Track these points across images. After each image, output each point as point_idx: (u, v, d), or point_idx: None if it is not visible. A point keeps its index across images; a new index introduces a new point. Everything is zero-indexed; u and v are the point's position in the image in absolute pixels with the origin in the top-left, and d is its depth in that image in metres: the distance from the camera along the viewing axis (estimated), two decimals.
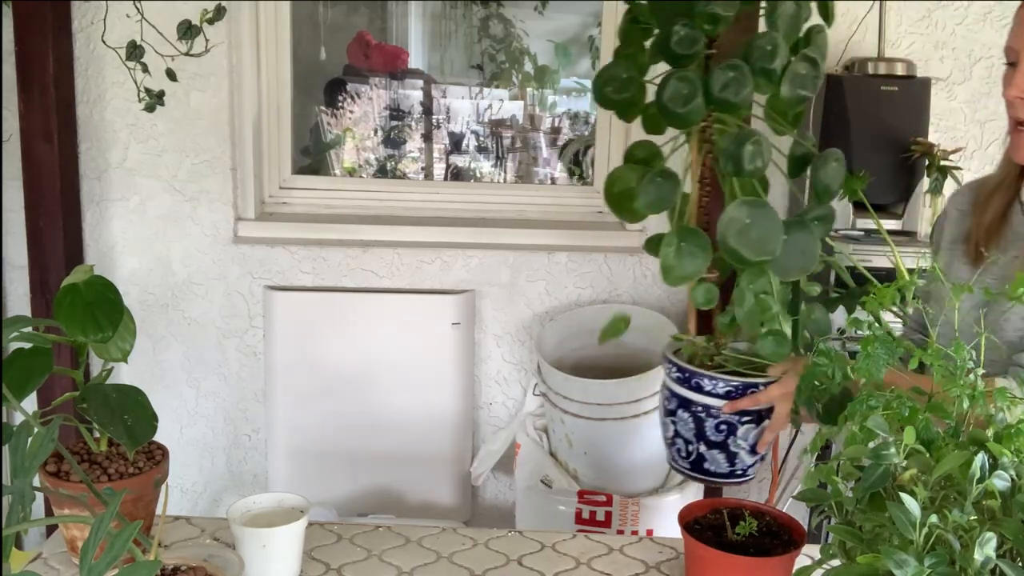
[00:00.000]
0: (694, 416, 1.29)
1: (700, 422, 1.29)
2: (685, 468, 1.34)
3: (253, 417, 2.61)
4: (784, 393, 1.27)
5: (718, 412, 1.28)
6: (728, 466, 1.31)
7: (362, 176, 3.45)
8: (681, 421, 1.31)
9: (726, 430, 1.28)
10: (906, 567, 0.77)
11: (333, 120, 3.37)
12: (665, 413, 1.35)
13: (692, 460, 1.32)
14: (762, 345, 1.23)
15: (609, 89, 1.23)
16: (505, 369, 2.60)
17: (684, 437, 1.32)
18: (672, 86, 1.15)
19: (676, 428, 1.32)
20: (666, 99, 1.15)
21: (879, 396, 0.98)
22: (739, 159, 1.16)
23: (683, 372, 1.30)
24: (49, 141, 2.31)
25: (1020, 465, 0.86)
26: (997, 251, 1.39)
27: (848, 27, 2.38)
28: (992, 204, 1.41)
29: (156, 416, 1.11)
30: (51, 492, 1.11)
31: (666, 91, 1.15)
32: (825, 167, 1.22)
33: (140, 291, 2.51)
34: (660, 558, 1.30)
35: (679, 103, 1.15)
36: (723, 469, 1.32)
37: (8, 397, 1.02)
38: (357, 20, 3.50)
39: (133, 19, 2.34)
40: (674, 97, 1.15)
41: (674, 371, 1.32)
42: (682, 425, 1.31)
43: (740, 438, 1.30)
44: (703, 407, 1.28)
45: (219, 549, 1.12)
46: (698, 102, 1.15)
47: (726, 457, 1.30)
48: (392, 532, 1.35)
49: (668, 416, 1.34)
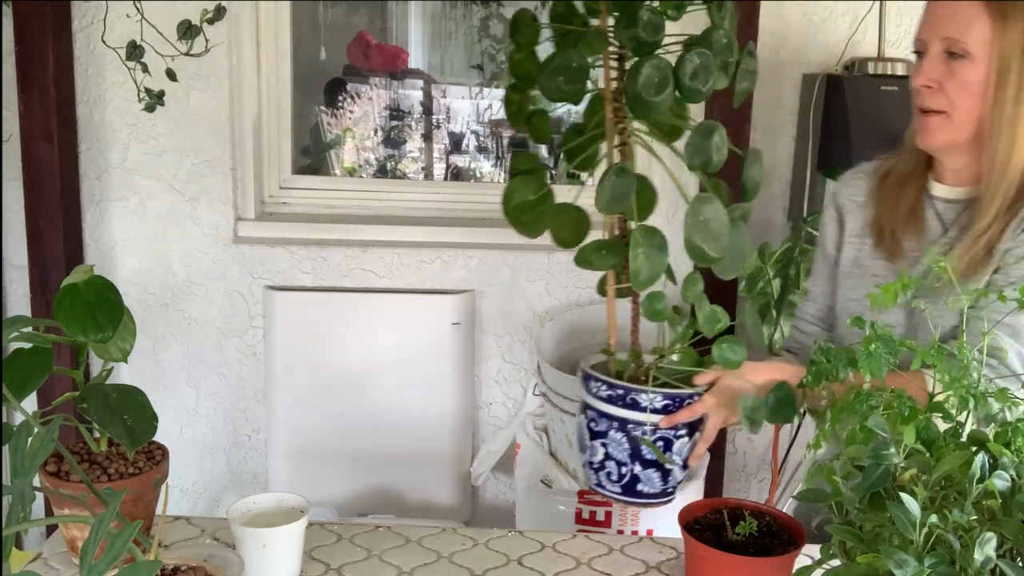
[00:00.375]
0: (628, 435, 1.24)
1: (635, 441, 1.25)
2: (615, 492, 1.29)
3: (253, 417, 2.61)
4: (720, 402, 1.26)
5: (655, 428, 1.24)
6: (661, 484, 1.28)
7: (362, 176, 3.45)
8: (614, 442, 1.25)
9: (662, 446, 1.25)
10: (906, 567, 0.77)
11: (333, 120, 3.37)
12: (591, 436, 1.28)
13: (625, 483, 1.27)
14: (717, 352, 1.20)
15: (561, 79, 1.13)
16: (505, 369, 2.60)
17: (616, 459, 1.26)
18: (646, 73, 1.09)
19: (607, 451, 1.26)
20: (640, 87, 1.09)
21: (878, 395, 0.99)
22: (707, 151, 1.13)
23: (615, 390, 1.25)
24: (49, 141, 2.31)
25: (1020, 465, 0.86)
26: (916, 244, 1.40)
27: (848, 27, 2.38)
28: (904, 196, 1.42)
29: (156, 416, 1.11)
30: (51, 492, 1.11)
31: (639, 78, 1.09)
32: (754, 165, 1.21)
33: (140, 291, 2.51)
34: (660, 558, 1.30)
35: (652, 91, 1.09)
36: (656, 488, 1.28)
37: (8, 397, 1.02)
38: (357, 20, 3.50)
39: (133, 19, 2.34)
40: (647, 85, 1.09)
41: (603, 389, 1.26)
42: (615, 447, 1.26)
43: (675, 453, 1.26)
44: (639, 424, 1.24)
45: (219, 549, 1.12)
46: (670, 91, 1.10)
47: (661, 476, 1.27)
48: (392, 532, 1.35)
49: (596, 439, 1.28)
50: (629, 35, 1.10)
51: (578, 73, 1.13)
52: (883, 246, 1.42)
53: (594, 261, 1.22)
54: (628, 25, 1.10)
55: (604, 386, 1.26)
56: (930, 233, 1.40)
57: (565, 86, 1.13)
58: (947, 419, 0.95)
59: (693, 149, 1.14)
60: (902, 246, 1.41)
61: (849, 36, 2.38)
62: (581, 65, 1.12)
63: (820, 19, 2.40)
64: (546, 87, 1.14)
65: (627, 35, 1.11)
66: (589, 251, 1.22)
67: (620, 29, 1.11)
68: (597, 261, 1.23)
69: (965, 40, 1.26)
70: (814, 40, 2.40)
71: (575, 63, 1.13)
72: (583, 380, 1.30)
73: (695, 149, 1.14)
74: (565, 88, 1.13)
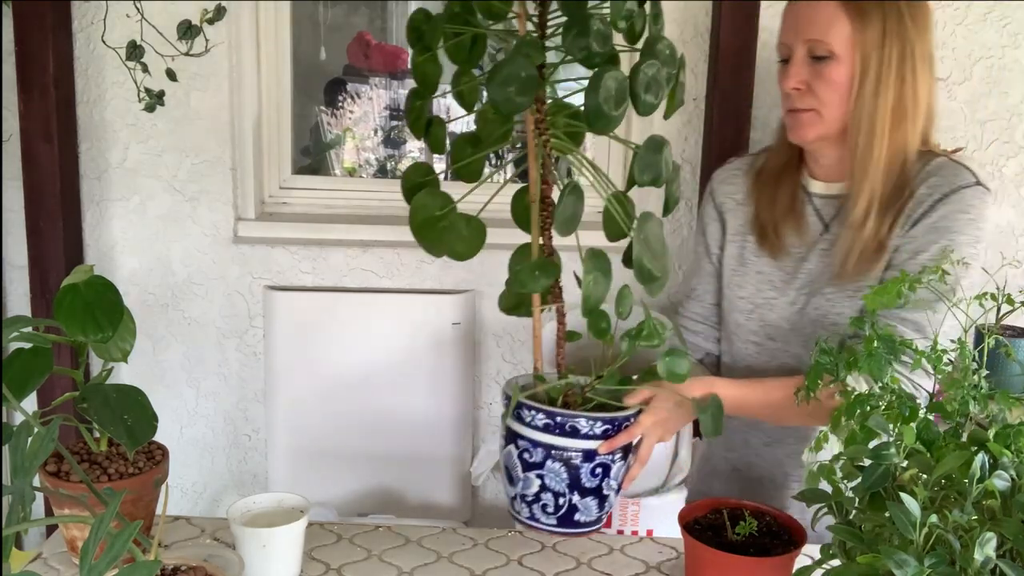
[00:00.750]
0: (567, 464, 1.19)
1: (575, 469, 1.19)
2: (550, 525, 1.23)
3: (253, 417, 2.61)
4: (656, 420, 1.25)
5: (594, 454, 1.19)
6: (598, 511, 1.24)
7: (362, 176, 3.45)
8: (551, 473, 1.20)
9: (601, 473, 1.21)
10: (906, 567, 0.77)
11: (333, 120, 3.37)
12: (525, 468, 1.21)
13: (562, 514, 1.22)
14: (663, 366, 1.17)
15: (512, 90, 1.06)
16: (505, 369, 2.60)
17: (554, 490, 1.20)
18: (607, 86, 1.03)
19: (544, 482, 1.20)
20: (601, 100, 1.03)
21: (878, 396, 0.99)
22: (657, 166, 1.09)
23: (553, 418, 1.18)
24: (49, 141, 2.31)
25: (1020, 465, 0.86)
26: (798, 240, 1.41)
27: None
28: (781, 192, 1.44)
29: (156, 416, 1.11)
30: (51, 492, 1.11)
31: (600, 92, 1.03)
32: (675, 180, 1.19)
33: (140, 291, 2.51)
34: (660, 558, 1.30)
35: (612, 105, 1.04)
36: (593, 516, 1.24)
37: (8, 397, 1.02)
38: (357, 20, 3.50)
39: (133, 19, 2.34)
40: (608, 98, 1.03)
41: (539, 418, 1.19)
42: (552, 477, 1.20)
43: (612, 478, 1.23)
44: (579, 452, 1.19)
45: (219, 549, 1.12)
46: (626, 104, 1.06)
47: (598, 503, 1.23)
48: (392, 532, 1.35)
49: (530, 471, 1.21)
50: (581, 45, 1.04)
51: (529, 83, 1.06)
52: (766, 244, 1.44)
53: (528, 283, 1.17)
54: (580, 35, 1.04)
55: (540, 414, 1.19)
56: (811, 229, 1.42)
57: (517, 97, 1.06)
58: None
59: (643, 164, 1.10)
60: (784, 243, 1.43)
61: None
62: (530, 74, 1.05)
63: None
64: (498, 98, 1.06)
65: (578, 45, 1.04)
66: (524, 274, 1.17)
67: (570, 39, 1.05)
68: (532, 283, 1.17)
69: (828, 41, 1.30)
70: None
71: (524, 72, 1.05)
72: (513, 410, 1.22)
73: (645, 164, 1.10)
74: (518, 99, 1.06)
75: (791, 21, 1.36)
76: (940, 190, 1.30)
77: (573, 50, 1.05)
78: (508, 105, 1.06)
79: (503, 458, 1.25)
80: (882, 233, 1.32)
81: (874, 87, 1.30)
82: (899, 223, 1.32)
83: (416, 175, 1.22)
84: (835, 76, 1.31)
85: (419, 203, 1.18)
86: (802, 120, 1.35)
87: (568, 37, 1.05)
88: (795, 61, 1.34)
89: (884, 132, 1.31)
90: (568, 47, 1.05)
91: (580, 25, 1.04)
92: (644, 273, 1.10)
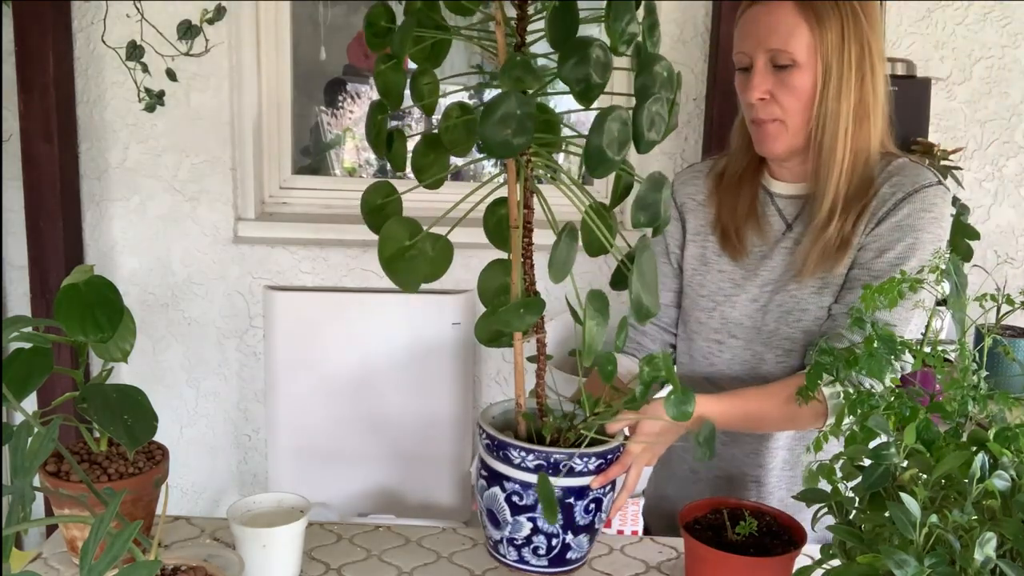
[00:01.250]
0: (562, 504, 1.12)
1: (569, 509, 1.12)
2: (540, 567, 1.15)
3: (253, 417, 2.61)
4: (645, 447, 1.22)
5: (588, 491, 1.13)
6: (588, 546, 1.19)
7: (362, 176, 3.45)
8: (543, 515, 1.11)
9: (594, 508, 1.15)
10: (906, 567, 0.77)
11: (333, 120, 3.37)
12: (515, 511, 1.13)
13: (554, 555, 1.15)
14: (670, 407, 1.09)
15: (509, 132, 0.93)
16: (505, 369, 2.60)
17: (547, 532, 1.13)
18: (611, 128, 0.93)
19: (536, 524, 1.12)
20: (605, 144, 0.94)
21: (878, 396, 0.99)
22: (657, 207, 1.02)
23: (548, 458, 1.10)
24: (49, 141, 2.32)
25: (1020, 465, 0.86)
26: (760, 240, 1.42)
27: None
28: (743, 194, 1.44)
29: (156, 416, 1.11)
30: (51, 492, 1.11)
31: (603, 135, 0.93)
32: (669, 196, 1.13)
33: (140, 291, 2.51)
34: (660, 558, 1.30)
35: (616, 148, 0.95)
36: (584, 551, 1.19)
37: (8, 397, 1.02)
38: (357, 20, 3.49)
39: (133, 19, 2.35)
40: (612, 142, 0.94)
41: (530, 459, 1.10)
42: (544, 519, 1.12)
43: (604, 511, 1.17)
44: (575, 490, 1.12)
45: (219, 549, 1.12)
46: (629, 146, 0.96)
47: (590, 538, 1.18)
48: (392, 532, 1.35)
49: (522, 514, 1.12)
50: (580, 75, 0.93)
51: (527, 120, 0.93)
52: (728, 245, 1.44)
53: (514, 322, 1.08)
54: (579, 64, 0.92)
55: (531, 455, 1.10)
56: (773, 229, 1.42)
57: (516, 138, 0.93)
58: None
59: (641, 204, 1.01)
60: (746, 245, 1.43)
61: None
62: (526, 111, 0.93)
63: None
64: (492, 142, 0.93)
65: (577, 74, 0.93)
66: (509, 314, 1.08)
67: (568, 68, 0.93)
68: (517, 322, 1.08)
69: (791, 50, 1.30)
70: None
71: (519, 109, 0.93)
72: (497, 451, 1.13)
73: (643, 204, 1.01)
74: (516, 141, 0.93)
75: (750, 30, 1.34)
76: (903, 189, 1.32)
77: (571, 82, 0.93)
78: (505, 149, 0.94)
79: (485, 500, 1.16)
80: (846, 231, 1.33)
81: (837, 90, 1.30)
82: (863, 221, 1.33)
83: (377, 196, 1.11)
84: (799, 84, 1.31)
85: (388, 234, 1.07)
86: (768, 132, 1.35)
87: (566, 67, 0.93)
88: (757, 71, 1.33)
89: (848, 133, 1.32)
90: (566, 78, 0.93)
91: (579, 53, 0.92)
92: (642, 311, 1.03)
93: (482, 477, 1.16)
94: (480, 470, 1.17)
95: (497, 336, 1.15)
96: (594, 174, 0.96)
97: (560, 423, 1.18)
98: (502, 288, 1.15)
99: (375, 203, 1.11)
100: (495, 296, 1.15)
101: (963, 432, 0.93)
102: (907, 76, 2.24)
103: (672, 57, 2.42)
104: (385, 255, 1.06)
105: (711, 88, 2.39)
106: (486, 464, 1.15)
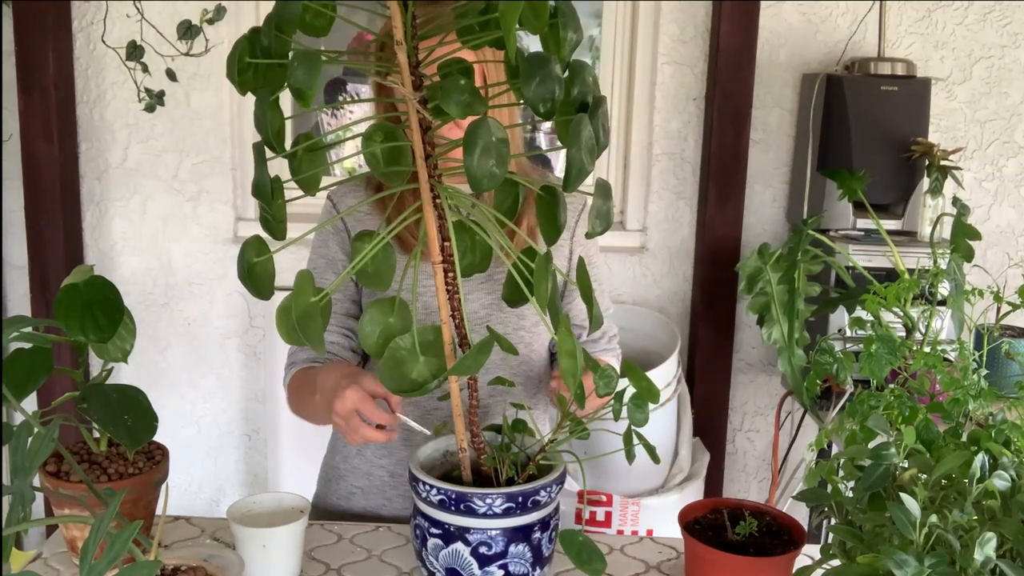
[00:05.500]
0: (529, 542, 1.07)
1: (536, 544, 1.09)
2: None
3: (253, 417, 2.61)
4: None
5: (551, 519, 1.11)
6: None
7: None
8: (516, 558, 1.07)
9: (552, 534, 1.12)
10: (906, 567, 0.77)
11: (333, 120, 3.37)
12: (483, 563, 1.05)
13: None
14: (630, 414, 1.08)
15: (492, 163, 0.90)
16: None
17: (517, 574, 1.07)
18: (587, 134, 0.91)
19: (508, 570, 1.07)
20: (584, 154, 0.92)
21: (878, 396, 0.99)
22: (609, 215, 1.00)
23: (514, 499, 1.04)
24: (49, 141, 2.32)
25: (1020, 465, 0.87)
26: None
27: (848, 27, 2.38)
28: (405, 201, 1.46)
29: (156, 416, 1.11)
30: (51, 492, 1.11)
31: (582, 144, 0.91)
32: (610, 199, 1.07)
33: (140, 291, 2.51)
34: (660, 558, 1.30)
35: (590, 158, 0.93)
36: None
37: (8, 397, 1.02)
38: (357, 20, 3.50)
39: (133, 19, 2.35)
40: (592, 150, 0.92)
41: (498, 504, 1.04)
42: (517, 562, 1.07)
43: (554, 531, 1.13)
44: (543, 522, 1.08)
45: (219, 549, 1.12)
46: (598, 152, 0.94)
47: (550, 565, 1.15)
48: (392, 532, 1.35)
49: (491, 563, 1.06)
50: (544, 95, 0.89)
51: (503, 148, 0.90)
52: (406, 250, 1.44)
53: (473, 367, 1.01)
54: (543, 82, 0.89)
55: (499, 499, 1.04)
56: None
57: (497, 169, 0.90)
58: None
59: (597, 213, 0.99)
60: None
61: (849, 36, 2.38)
62: (503, 138, 0.90)
63: (820, 19, 2.40)
64: (480, 176, 0.90)
65: (543, 93, 0.89)
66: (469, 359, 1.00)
67: (532, 88, 0.89)
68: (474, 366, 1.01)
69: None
70: (814, 40, 2.41)
71: (495, 136, 0.89)
72: (456, 505, 1.05)
73: (598, 213, 0.99)
74: (498, 171, 0.90)
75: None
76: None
77: (536, 104, 0.89)
78: (492, 181, 0.90)
79: (442, 560, 1.07)
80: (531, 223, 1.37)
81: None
82: None
83: (252, 253, 1.08)
84: None
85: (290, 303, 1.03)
86: None
87: (530, 87, 0.89)
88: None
89: None
90: (531, 99, 0.89)
91: (541, 71, 0.88)
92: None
93: (433, 536, 1.08)
94: (427, 530, 1.08)
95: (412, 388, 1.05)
96: (571, 188, 0.92)
97: (499, 456, 1.13)
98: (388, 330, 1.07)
99: (252, 261, 1.09)
100: (387, 342, 1.05)
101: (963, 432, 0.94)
102: (907, 76, 2.24)
103: (672, 57, 2.42)
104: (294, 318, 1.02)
105: (711, 88, 2.39)
106: (437, 522, 1.07)
